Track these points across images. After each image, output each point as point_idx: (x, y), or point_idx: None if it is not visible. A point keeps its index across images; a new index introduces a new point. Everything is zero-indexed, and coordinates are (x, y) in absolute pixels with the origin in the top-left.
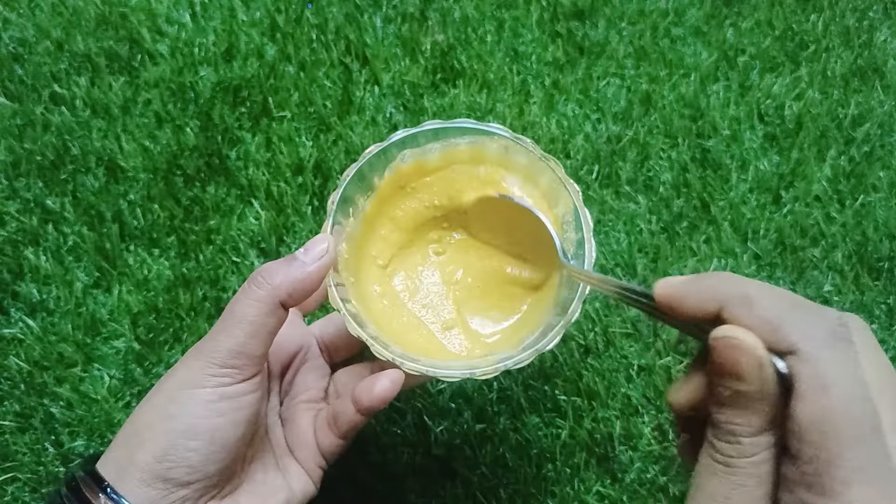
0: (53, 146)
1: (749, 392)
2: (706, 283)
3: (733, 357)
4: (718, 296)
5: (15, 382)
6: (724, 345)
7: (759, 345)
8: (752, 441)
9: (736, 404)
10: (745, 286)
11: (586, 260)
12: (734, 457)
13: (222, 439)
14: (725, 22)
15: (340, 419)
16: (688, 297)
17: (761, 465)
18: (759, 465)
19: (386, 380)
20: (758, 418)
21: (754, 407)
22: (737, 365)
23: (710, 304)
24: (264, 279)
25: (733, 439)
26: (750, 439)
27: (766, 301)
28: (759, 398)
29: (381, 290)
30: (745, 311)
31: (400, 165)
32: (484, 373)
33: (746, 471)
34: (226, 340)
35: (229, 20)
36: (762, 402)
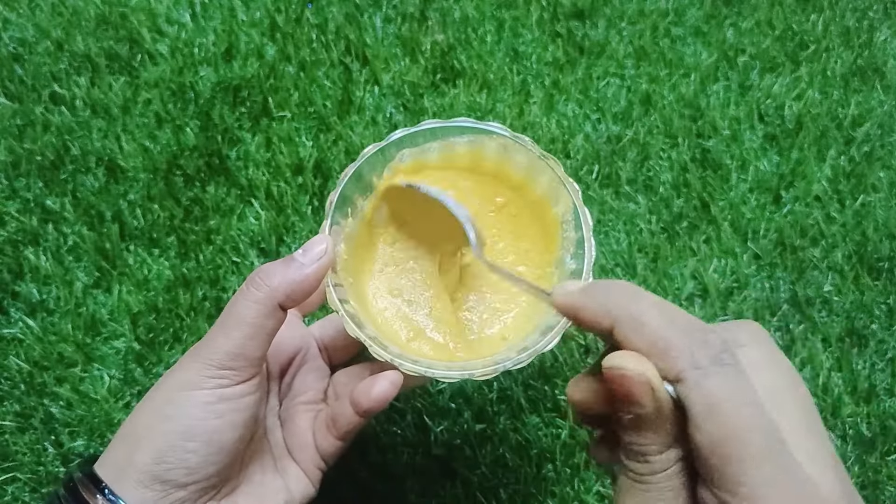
0: (53, 146)
1: (647, 415)
2: (600, 296)
3: (625, 386)
4: (611, 313)
5: (15, 382)
6: (615, 375)
7: (648, 372)
8: (659, 458)
9: (638, 427)
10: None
11: (586, 259)
12: (646, 474)
13: (220, 441)
14: (725, 22)
15: (339, 421)
16: (583, 308)
17: (673, 478)
18: (672, 478)
19: (385, 381)
20: (660, 437)
21: (655, 427)
22: (629, 393)
23: (603, 321)
24: (262, 280)
25: (642, 458)
26: (657, 457)
27: (654, 325)
28: (657, 419)
29: (380, 291)
30: (635, 334)
31: (398, 165)
32: (483, 374)
33: (661, 485)
34: (224, 342)
35: (229, 20)
36: (661, 422)
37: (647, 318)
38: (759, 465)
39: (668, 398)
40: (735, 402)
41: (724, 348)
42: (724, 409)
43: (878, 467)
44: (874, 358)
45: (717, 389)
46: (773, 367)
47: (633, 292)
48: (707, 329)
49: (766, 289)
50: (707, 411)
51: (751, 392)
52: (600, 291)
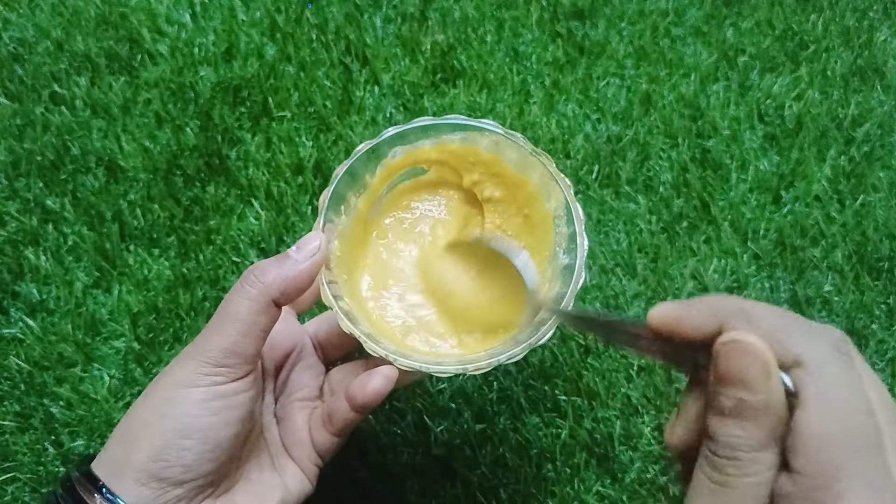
0: (53, 146)
1: (754, 402)
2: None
3: (740, 363)
4: (718, 314)
5: (15, 382)
6: (732, 349)
7: (767, 351)
8: (751, 457)
9: (739, 415)
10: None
11: (578, 254)
12: (731, 474)
13: (216, 438)
14: (725, 22)
15: (335, 417)
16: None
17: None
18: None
19: (379, 376)
20: (760, 431)
21: (758, 419)
22: (743, 371)
23: (709, 323)
24: (256, 277)
25: (732, 454)
26: (750, 455)
27: (766, 316)
28: (763, 410)
29: (374, 287)
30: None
31: (391, 162)
32: (477, 367)
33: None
34: (219, 339)
35: (229, 20)
36: (766, 415)
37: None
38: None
39: (779, 389)
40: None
41: (842, 340)
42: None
43: None
44: (874, 358)
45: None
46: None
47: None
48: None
49: (766, 289)
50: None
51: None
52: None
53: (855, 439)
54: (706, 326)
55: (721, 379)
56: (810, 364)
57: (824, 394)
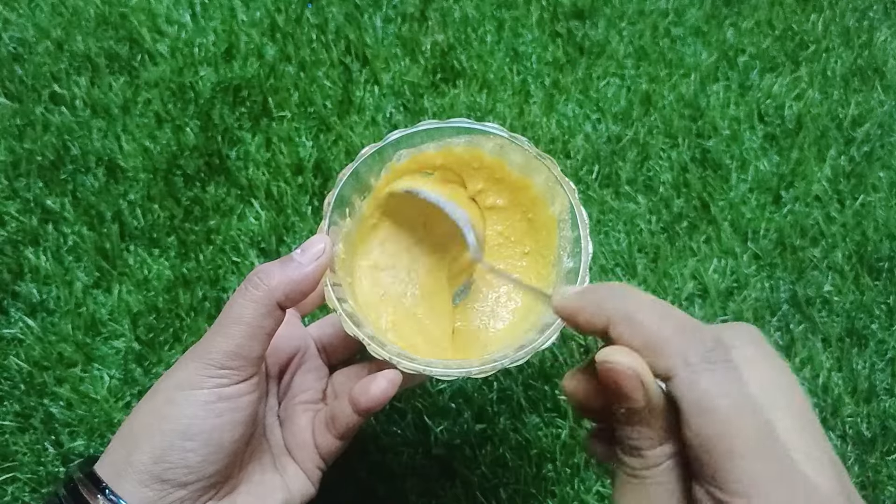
0: (53, 146)
1: (638, 409)
2: (595, 297)
3: (616, 380)
4: (605, 313)
5: (15, 382)
6: (605, 369)
7: (637, 366)
8: (652, 453)
9: (630, 421)
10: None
11: (582, 258)
12: (640, 469)
13: (220, 440)
14: (725, 22)
15: (338, 420)
16: (580, 311)
17: (667, 473)
18: (666, 473)
19: (383, 380)
20: (653, 432)
21: (647, 422)
22: (620, 387)
23: (597, 321)
24: (261, 280)
25: (636, 453)
26: (651, 451)
27: (646, 322)
28: (649, 414)
29: (378, 290)
30: (628, 332)
31: (396, 165)
32: (481, 371)
33: (655, 480)
34: (223, 342)
35: (229, 20)
36: (654, 417)
37: (640, 316)
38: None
39: (659, 394)
40: (726, 398)
41: (717, 346)
42: (715, 405)
43: (878, 467)
44: (874, 358)
45: (708, 386)
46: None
47: (628, 292)
48: (701, 327)
49: (766, 289)
50: (697, 408)
51: (743, 389)
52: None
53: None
54: (597, 323)
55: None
56: (680, 377)
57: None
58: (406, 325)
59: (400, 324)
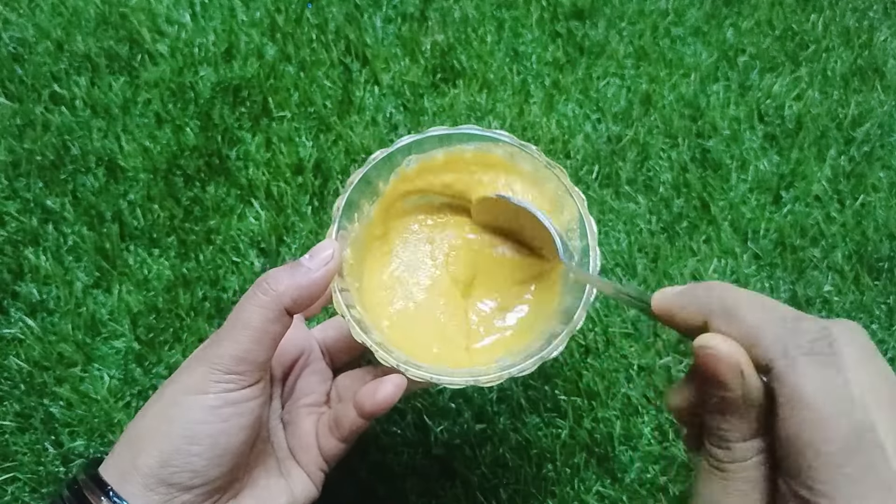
0: (53, 146)
1: (733, 399)
2: (695, 294)
3: (714, 367)
4: (704, 309)
5: (15, 382)
6: (703, 354)
7: (736, 353)
8: (741, 446)
9: (723, 410)
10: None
11: (591, 268)
12: (726, 462)
13: (225, 444)
14: (725, 22)
15: (342, 423)
16: (679, 309)
17: (753, 470)
18: (751, 470)
19: (389, 385)
20: (744, 424)
21: (740, 413)
22: (717, 373)
23: (696, 318)
24: (269, 286)
25: (724, 444)
26: (739, 444)
27: (747, 314)
28: (743, 405)
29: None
30: (729, 324)
31: (405, 170)
32: (488, 380)
33: (740, 475)
34: (230, 347)
35: (229, 20)
36: (748, 409)
37: (740, 309)
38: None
39: (758, 385)
40: (822, 393)
41: (820, 336)
42: (813, 400)
43: None
44: None
45: (806, 380)
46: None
47: (727, 288)
48: (804, 317)
49: (766, 289)
50: (793, 401)
51: (842, 385)
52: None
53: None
54: (694, 320)
55: (703, 379)
56: (779, 369)
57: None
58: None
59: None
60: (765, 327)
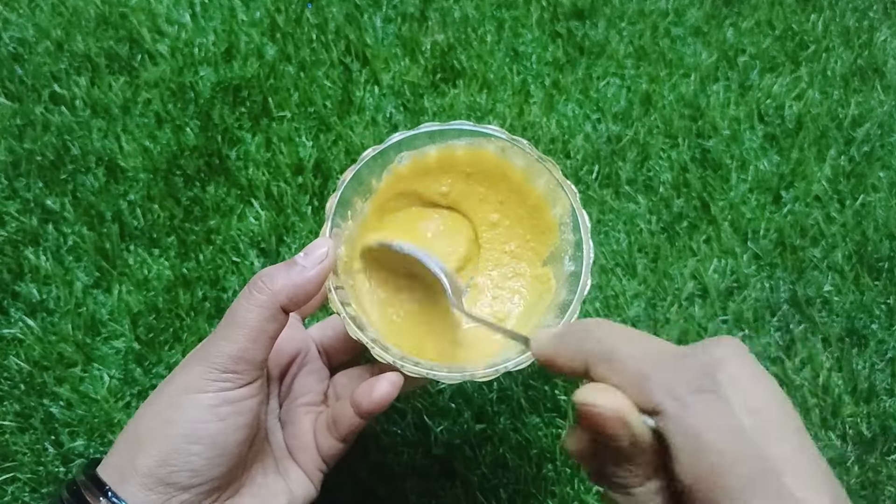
0: (53, 146)
1: (624, 448)
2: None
3: (596, 421)
4: (582, 355)
5: (15, 382)
6: (584, 410)
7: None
8: (641, 490)
9: (616, 460)
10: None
11: (584, 261)
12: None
13: (223, 444)
14: (725, 22)
15: (340, 422)
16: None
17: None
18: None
19: (385, 383)
20: (640, 469)
21: (634, 460)
22: (602, 428)
23: (576, 364)
24: (265, 284)
25: (624, 491)
26: (639, 489)
27: (628, 359)
28: (635, 452)
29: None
30: (608, 371)
31: (397, 167)
32: (484, 375)
33: None
34: (227, 346)
35: (229, 20)
36: (640, 455)
37: (617, 353)
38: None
39: (645, 430)
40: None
41: (703, 372)
42: (706, 441)
43: (878, 467)
44: (874, 358)
45: (698, 420)
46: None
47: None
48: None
49: (766, 289)
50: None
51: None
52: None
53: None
54: (575, 365)
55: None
56: (668, 412)
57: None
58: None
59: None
60: (648, 371)
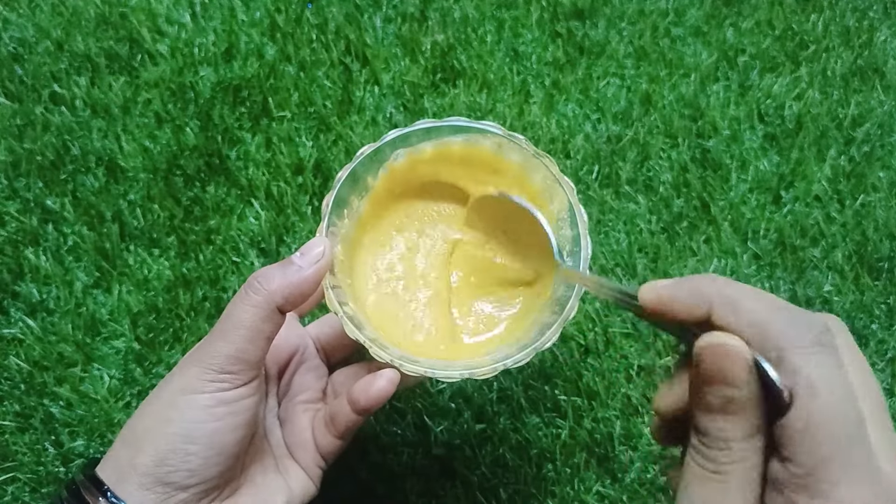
0: (53, 146)
1: (739, 398)
2: (692, 285)
3: (722, 364)
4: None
5: (15, 382)
6: (713, 352)
7: (747, 350)
8: (742, 446)
9: (726, 410)
10: (731, 289)
11: (582, 256)
12: (726, 462)
13: (221, 443)
14: (725, 22)
15: (338, 419)
16: (675, 300)
17: (753, 470)
18: (751, 470)
19: (382, 380)
20: (748, 423)
21: (744, 412)
22: (726, 371)
23: (697, 309)
24: (261, 284)
25: (724, 445)
26: (740, 444)
27: (751, 305)
28: (748, 403)
29: (378, 291)
30: (732, 315)
31: (393, 165)
32: (483, 373)
33: (738, 476)
34: (224, 346)
35: (229, 20)
36: (752, 407)
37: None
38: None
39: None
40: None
41: (826, 329)
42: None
43: None
44: (874, 358)
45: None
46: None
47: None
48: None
49: (766, 289)
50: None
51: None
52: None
53: (839, 428)
54: (694, 311)
55: (706, 379)
56: (791, 359)
57: (807, 388)
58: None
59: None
60: (772, 319)
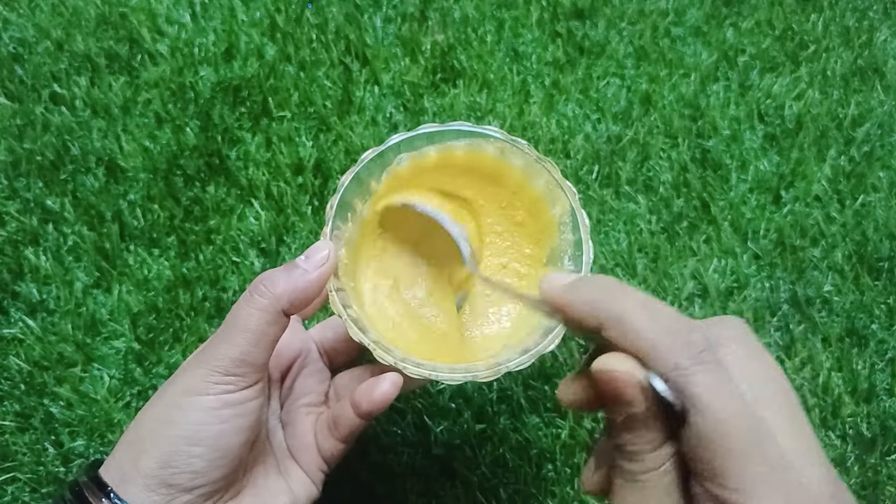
0: (53, 146)
1: (639, 414)
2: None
3: (616, 388)
4: (595, 313)
5: (15, 382)
6: (605, 378)
7: (638, 371)
8: (653, 456)
9: (630, 427)
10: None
11: (584, 261)
12: (641, 473)
13: (225, 446)
14: (725, 22)
15: (340, 423)
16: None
17: (667, 475)
18: (666, 475)
19: (385, 383)
20: (654, 434)
21: (646, 426)
22: (621, 395)
23: (590, 320)
24: (266, 288)
25: (637, 457)
26: (650, 455)
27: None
28: (649, 419)
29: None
30: (620, 335)
31: (396, 169)
32: (486, 375)
33: (655, 482)
34: (228, 349)
35: (229, 20)
36: (654, 420)
37: (630, 318)
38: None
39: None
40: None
41: (706, 347)
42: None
43: (878, 467)
44: (874, 358)
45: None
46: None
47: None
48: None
49: (766, 289)
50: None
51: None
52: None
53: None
54: (588, 322)
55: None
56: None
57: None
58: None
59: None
60: (654, 341)
